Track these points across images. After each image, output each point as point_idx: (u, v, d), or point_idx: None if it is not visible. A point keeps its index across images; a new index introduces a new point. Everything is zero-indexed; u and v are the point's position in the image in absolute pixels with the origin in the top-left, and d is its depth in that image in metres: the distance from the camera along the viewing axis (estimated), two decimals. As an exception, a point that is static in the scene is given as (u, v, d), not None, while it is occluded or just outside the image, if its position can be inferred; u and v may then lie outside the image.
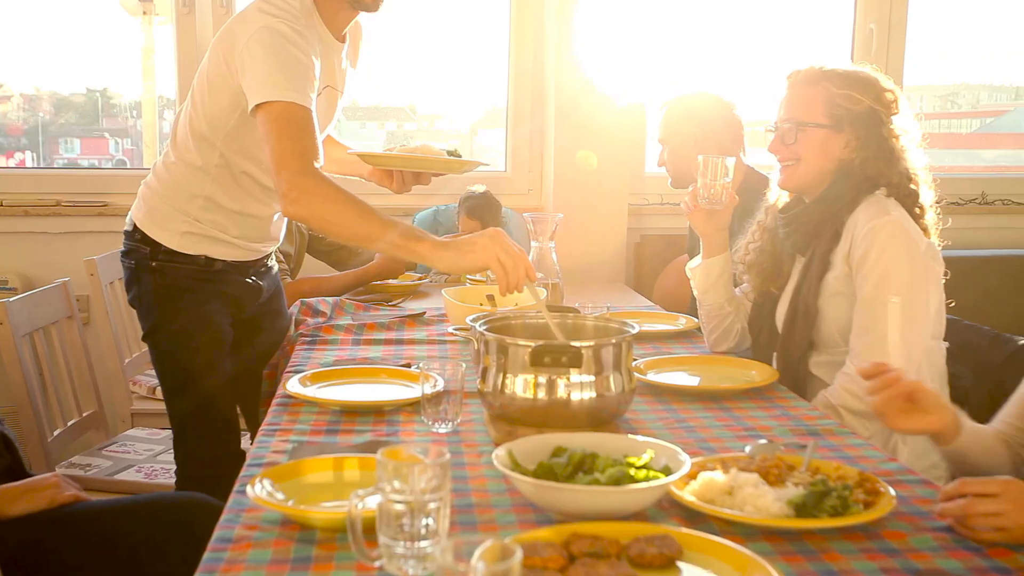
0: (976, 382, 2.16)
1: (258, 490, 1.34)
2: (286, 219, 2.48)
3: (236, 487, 1.43)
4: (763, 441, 1.63)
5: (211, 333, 2.30)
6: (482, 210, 3.35)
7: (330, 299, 2.73)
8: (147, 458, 2.79)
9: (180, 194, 2.27)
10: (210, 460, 2.30)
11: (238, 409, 2.48)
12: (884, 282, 1.99)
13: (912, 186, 2.12)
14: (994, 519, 1.26)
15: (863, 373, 1.56)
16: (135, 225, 2.31)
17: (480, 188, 3.42)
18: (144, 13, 3.93)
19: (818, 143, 2.12)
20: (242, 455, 1.63)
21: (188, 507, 1.92)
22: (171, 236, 2.27)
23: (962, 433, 1.58)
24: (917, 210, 2.12)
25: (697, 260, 2.37)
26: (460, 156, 2.28)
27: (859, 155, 2.10)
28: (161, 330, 2.31)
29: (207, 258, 2.29)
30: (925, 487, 1.48)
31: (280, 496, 1.35)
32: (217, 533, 1.28)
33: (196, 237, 2.28)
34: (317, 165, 1.96)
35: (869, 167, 2.10)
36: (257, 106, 1.98)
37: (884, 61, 3.90)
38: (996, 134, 4.93)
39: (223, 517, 1.33)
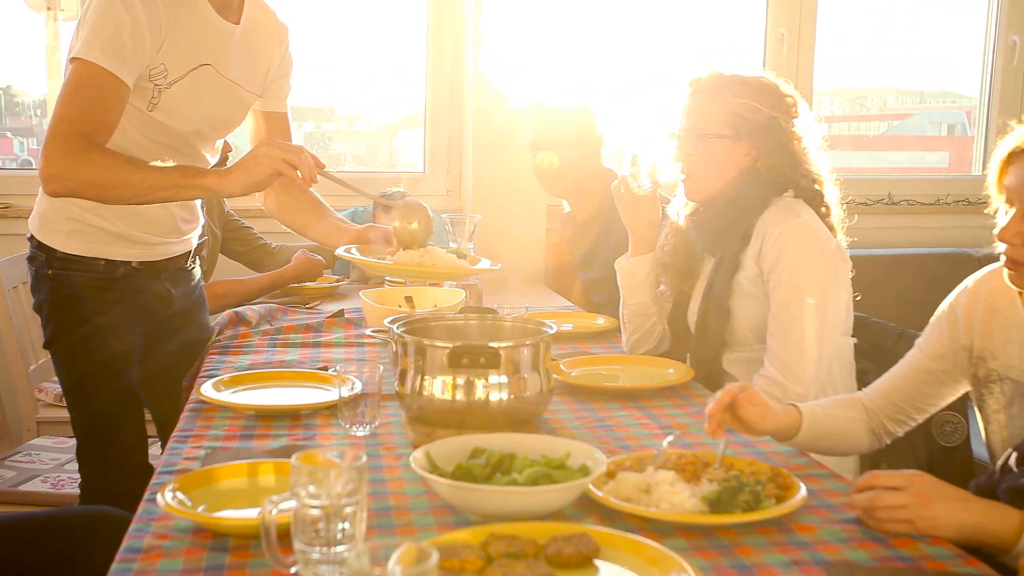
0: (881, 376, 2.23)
1: (168, 498, 1.30)
2: (201, 213, 2.40)
3: (146, 495, 1.39)
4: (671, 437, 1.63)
5: (113, 345, 2.20)
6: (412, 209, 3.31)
7: (257, 307, 2.67)
8: (53, 467, 2.70)
9: None
10: (114, 475, 2.23)
11: (150, 420, 2.41)
12: (798, 285, 2.04)
13: (817, 187, 2.17)
14: (899, 511, 1.30)
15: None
16: (31, 231, 2.23)
17: (398, 189, 3.40)
18: (48, 9, 3.80)
19: (719, 153, 2.15)
20: (150, 469, 1.58)
21: (93, 521, 1.85)
22: (58, 237, 2.17)
23: (801, 431, 1.64)
24: (823, 210, 2.17)
25: (625, 257, 2.39)
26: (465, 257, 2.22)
27: (763, 162, 2.15)
28: (59, 341, 2.22)
29: (108, 263, 2.20)
30: (835, 481, 1.51)
31: (192, 504, 1.32)
32: (126, 543, 1.24)
33: (82, 235, 2.17)
34: (91, 140, 1.90)
35: (774, 172, 2.15)
36: (70, 59, 1.92)
37: (795, 65, 4.00)
38: (902, 136, 5.10)
39: (132, 527, 1.29)
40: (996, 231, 1.53)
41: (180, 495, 1.34)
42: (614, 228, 2.50)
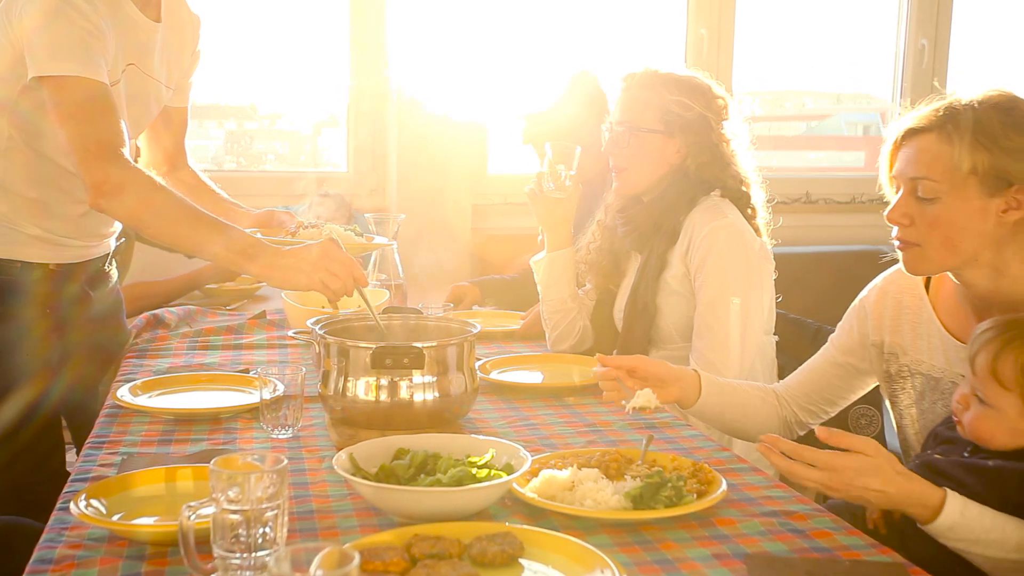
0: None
1: (82, 506, 1.27)
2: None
3: (59, 504, 1.35)
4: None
5: (24, 351, 2.13)
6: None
7: (176, 309, 2.62)
8: (-36, 477, 2.61)
9: None
10: (27, 483, 2.16)
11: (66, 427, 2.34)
12: (724, 285, 2.07)
13: (744, 188, 2.21)
14: (813, 484, 1.34)
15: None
16: None
17: (331, 191, 3.36)
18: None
19: (651, 148, 2.18)
20: (66, 476, 1.53)
21: (4, 532, 1.79)
22: None
23: (703, 396, 1.73)
24: (749, 211, 2.21)
25: (541, 255, 2.40)
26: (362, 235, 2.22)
27: (692, 160, 2.18)
28: None
29: (24, 265, 2.11)
30: (755, 475, 1.54)
31: (107, 512, 1.29)
32: (37, 554, 1.21)
33: None
34: (124, 152, 1.83)
35: (703, 171, 2.18)
36: (41, 79, 1.83)
37: (715, 66, 4.06)
38: (820, 136, 5.22)
39: (43, 537, 1.25)
40: (886, 213, 1.56)
41: (95, 503, 1.30)
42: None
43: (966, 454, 1.44)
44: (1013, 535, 1.30)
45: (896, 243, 1.57)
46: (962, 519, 1.31)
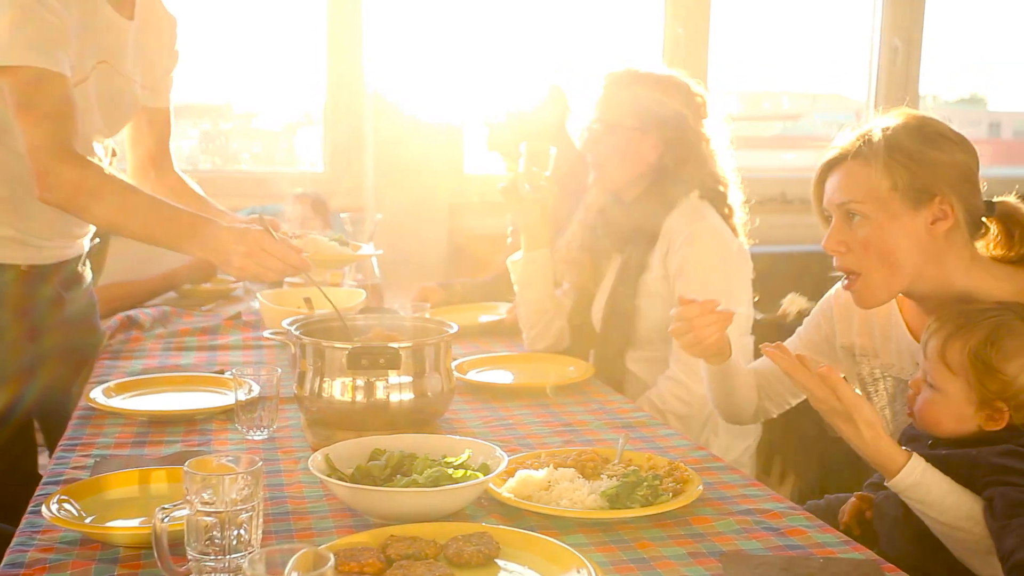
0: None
1: (54, 509, 1.26)
2: None
3: (30, 507, 1.34)
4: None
5: None
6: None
7: (151, 310, 2.59)
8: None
9: None
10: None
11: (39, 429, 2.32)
12: (703, 288, 2.08)
13: (722, 188, 2.22)
14: (804, 387, 1.43)
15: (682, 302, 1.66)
16: None
17: (301, 190, 3.34)
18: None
19: (626, 144, 2.18)
20: (39, 479, 1.52)
21: None
22: None
23: (733, 355, 1.75)
24: (727, 211, 2.22)
25: (518, 255, 2.40)
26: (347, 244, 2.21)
27: (669, 157, 2.18)
28: None
29: None
30: (730, 473, 1.55)
31: (79, 514, 1.28)
32: (7, 558, 1.19)
33: None
34: (75, 145, 1.82)
35: (682, 170, 2.18)
36: (1, 68, 1.81)
37: (693, 65, 4.07)
38: (795, 136, 5.25)
39: (14, 541, 1.24)
40: (822, 244, 1.58)
41: (67, 506, 1.29)
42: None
43: (928, 448, 1.46)
44: (965, 503, 1.34)
45: (843, 280, 1.59)
46: (922, 478, 1.35)
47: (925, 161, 1.49)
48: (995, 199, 1.55)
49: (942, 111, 4.95)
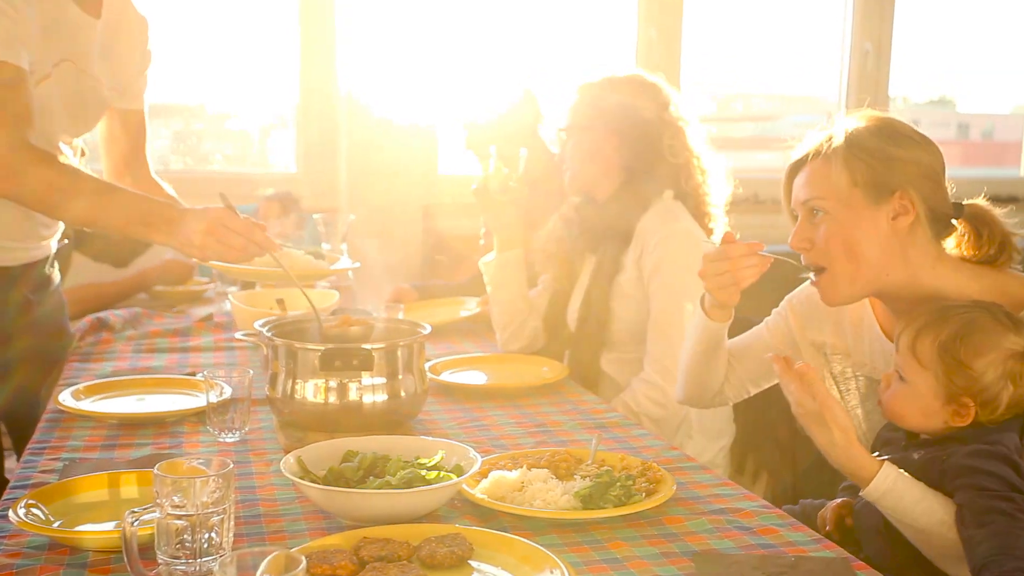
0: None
1: (21, 513, 1.24)
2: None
3: (-3, 512, 1.32)
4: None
5: None
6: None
7: (121, 312, 2.57)
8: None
9: None
10: None
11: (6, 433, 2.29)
12: (677, 291, 2.09)
13: (694, 188, 2.23)
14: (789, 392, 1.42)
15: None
16: None
17: (271, 191, 3.33)
18: None
19: (592, 145, 2.20)
20: (6, 483, 1.50)
21: None
22: None
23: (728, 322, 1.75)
24: (700, 211, 2.23)
25: (491, 256, 2.39)
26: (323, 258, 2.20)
27: (637, 158, 2.19)
28: None
29: None
30: (703, 473, 1.55)
31: (47, 519, 1.26)
32: (-26, 563, 1.18)
33: None
34: (25, 135, 1.80)
35: (653, 170, 2.19)
36: None
37: (666, 67, 4.09)
38: (768, 138, 5.29)
39: (-19, 545, 1.23)
40: (788, 242, 1.60)
41: (35, 510, 1.28)
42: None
43: (901, 450, 1.47)
44: (939, 509, 1.35)
45: (811, 278, 1.60)
46: (894, 486, 1.36)
47: (884, 157, 1.50)
48: (964, 202, 1.57)
49: (912, 113, 5.00)
